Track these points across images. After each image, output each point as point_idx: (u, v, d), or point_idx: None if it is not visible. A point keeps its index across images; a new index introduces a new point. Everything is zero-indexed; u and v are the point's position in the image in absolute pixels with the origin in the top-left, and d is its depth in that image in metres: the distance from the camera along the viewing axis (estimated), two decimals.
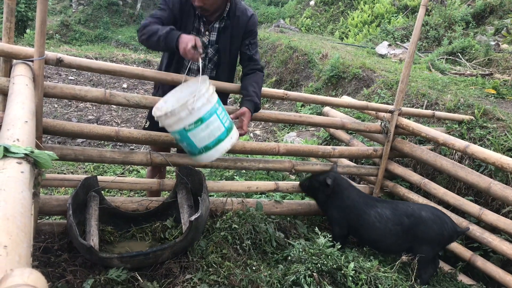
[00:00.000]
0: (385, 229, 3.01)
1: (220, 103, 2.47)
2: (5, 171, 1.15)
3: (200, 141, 2.39)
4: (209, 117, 2.34)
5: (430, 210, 3.06)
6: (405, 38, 10.51)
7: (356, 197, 3.15)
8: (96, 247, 2.35)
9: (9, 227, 0.91)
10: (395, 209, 3.06)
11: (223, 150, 2.45)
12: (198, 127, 2.34)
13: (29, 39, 10.17)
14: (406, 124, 3.51)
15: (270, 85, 8.24)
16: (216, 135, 2.39)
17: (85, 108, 6.24)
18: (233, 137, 2.48)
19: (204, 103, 2.32)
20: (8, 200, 1.01)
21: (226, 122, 2.43)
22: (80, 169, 4.15)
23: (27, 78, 2.15)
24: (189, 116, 2.30)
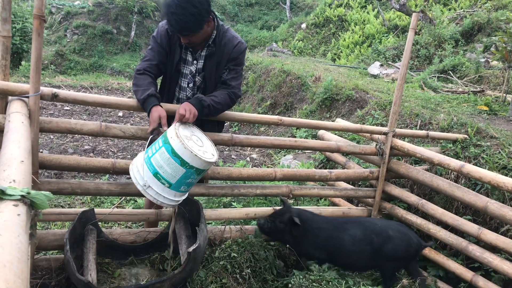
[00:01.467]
0: (359, 251, 3.03)
1: (147, 149, 2.44)
2: (1, 214, 1.15)
3: (179, 170, 2.33)
4: (153, 166, 2.34)
5: (396, 227, 3.15)
6: (396, 57, 10.67)
7: (326, 225, 3.08)
8: (94, 282, 2.33)
9: (6, 274, 0.91)
10: (364, 229, 3.09)
11: (180, 147, 2.28)
12: (164, 176, 2.34)
13: (24, 71, 10.24)
14: (401, 146, 3.54)
15: (264, 109, 8.30)
16: (167, 156, 2.31)
17: (81, 138, 6.25)
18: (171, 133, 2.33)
19: (141, 172, 2.38)
20: (4, 246, 1.00)
21: (159, 143, 2.37)
22: (77, 200, 4.13)
23: (23, 115, 2.16)
24: (154, 187, 2.35)
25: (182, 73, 2.84)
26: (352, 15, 15.57)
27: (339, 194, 3.70)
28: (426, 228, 3.41)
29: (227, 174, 3.11)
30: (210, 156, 2.42)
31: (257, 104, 8.68)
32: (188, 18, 2.45)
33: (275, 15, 23.30)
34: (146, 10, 19.16)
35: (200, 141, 2.49)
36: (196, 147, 2.38)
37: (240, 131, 8.02)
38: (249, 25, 22.35)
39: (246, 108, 8.72)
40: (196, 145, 2.40)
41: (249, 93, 9.21)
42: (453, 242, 3.22)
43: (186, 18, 2.45)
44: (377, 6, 15.30)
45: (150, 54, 2.71)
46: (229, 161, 6.31)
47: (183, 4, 2.43)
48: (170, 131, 2.37)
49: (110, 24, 18.19)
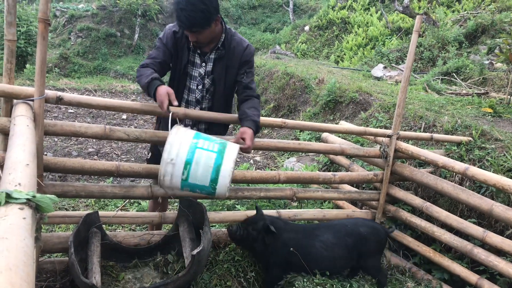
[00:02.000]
0: (333, 255, 3.00)
1: (200, 135, 2.41)
2: (7, 218, 1.15)
3: (204, 180, 2.33)
4: (192, 156, 2.30)
5: (364, 223, 3.23)
6: (400, 59, 10.65)
7: (296, 234, 3.00)
8: (98, 285, 2.33)
9: (12, 277, 0.91)
10: (336, 232, 3.07)
11: (228, 172, 2.31)
12: (191, 170, 2.30)
13: (29, 74, 10.29)
14: (405, 148, 3.53)
15: (268, 111, 8.30)
16: (211, 164, 2.31)
17: (85, 141, 6.27)
18: (231, 154, 2.35)
19: (178, 149, 2.29)
20: (10, 249, 1.01)
21: (214, 147, 2.35)
22: (81, 203, 4.14)
23: (28, 118, 2.17)
24: (175, 168, 2.30)
25: (191, 75, 2.85)
26: (355, 18, 15.57)
27: (343, 197, 3.69)
28: (431, 231, 3.40)
29: None
30: (229, 191, 2.42)
31: (261, 106, 8.69)
32: (197, 14, 2.47)
33: (278, 17, 23.33)
34: (150, 13, 19.22)
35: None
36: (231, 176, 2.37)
37: None
38: (252, 28, 22.38)
39: None
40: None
41: None
42: (458, 245, 3.20)
43: (195, 14, 2.47)
44: (380, 8, 15.30)
45: (155, 53, 2.73)
46: None
47: (192, 1, 2.45)
48: (232, 150, 2.35)
49: (114, 27, 18.26)
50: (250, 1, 24.03)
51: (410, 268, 3.52)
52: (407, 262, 3.61)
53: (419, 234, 3.70)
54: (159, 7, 19.77)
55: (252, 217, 2.96)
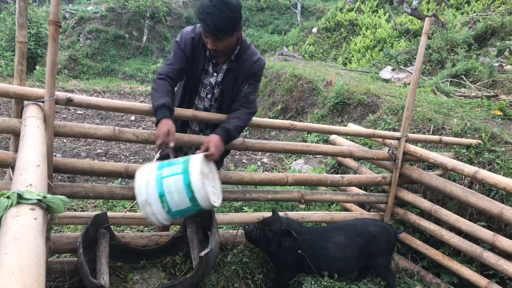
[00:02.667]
0: (345, 256, 3.01)
1: (163, 164, 2.39)
2: (19, 218, 1.16)
3: (184, 202, 2.31)
4: (162, 188, 2.28)
5: (374, 223, 3.24)
6: (408, 62, 10.60)
7: (310, 236, 3.00)
8: (106, 285, 2.34)
9: (24, 278, 0.92)
10: (347, 233, 3.08)
11: (199, 184, 2.26)
12: (168, 201, 2.29)
13: (39, 75, 10.37)
14: (413, 151, 3.51)
15: (275, 113, 8.30)
16: (182, 186, 2.28)
17: (93, 142, 6.31)
18: (195, 166, 2.29)
19: (147, 188, 2.29)
20: (22, 249, 1.02)
21: (178, 169, 2.32)
22: (90, 204, 4.16)
23: (38, 119, 2.19)
24: (153, 206, 2.30)
25: (203, 83, 2.84)
26: (363, 20, 15.54)
27: (351, 200, 3.68)
28: (440, 234, 3.37)
29: (238, 178, 3.11)
30: (217, 200, 2.40)
31: (268, 108, 8.68)
32: (224, 20, 2.45)
33: (286, 19, 23.36)
34: (158, 15, 19.33)
35: (213, 181, 2.46)
36: (210, 187, 2.35)
37: (251, 135, 8.03)
38: (260, 30, 22.42)
39: (257, 113, 8.74)
40: (210, 186, 2.37)
41: (260, 98, 9.21)
42: (467, 248, 3.18)
43: (222, 20, 2.45)
44: (388, 10, 15.24)
45: (173, 59, 2.70)
46: (240, 165, 6.32)
47: (220, 6, 2.44)
48: (195, 164, 2.31)
49: (123, 29, 18.39)
50: (258, 3, 24.08)
51: (419, 272, 3.50)
52: (415, 266, 3.59)
53: (427, 237, 3.68)
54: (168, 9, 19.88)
55: (268, 218, 2.98)
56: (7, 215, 1.19)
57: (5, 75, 9.85)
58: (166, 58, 14.75)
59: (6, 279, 0.89)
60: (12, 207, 1.22)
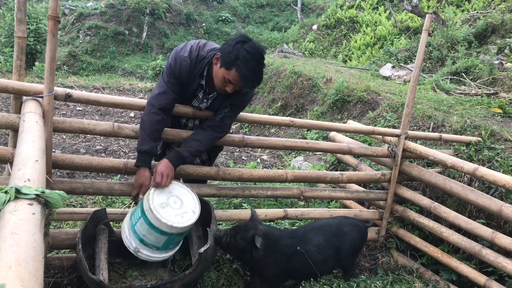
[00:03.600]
0: (325, 257, 2.93)
1: (132, 213, 2.53)
2: (17, 213, 1.16)
3: (159, 238, 2.42)
4: (137, 234, 2.44)
5: (347, 222, 3.18)
6: (408, 59, 10.59)
7: (291, 241, 2.85)
8: (105, 281, 2.34)
9: (22, 272, 0.92)
10: (324, 233, 3.00)
11: (156, 221, 2.33)
12: (148, 242, 2.44)
13: (38, 71, 10.35)
14: (413, 148, 3.51)
15: (275, 110, 8.29)
16: (146, 227, 2.39)
17: (93, 139, 6.30)
18: (147, 205, 2.37)
19: (129, 237, 2.48)
20: (20, 244, 1.01)
21: (139, 212, 2.44)
22: (89, 200, 4.16)
23: (37, 114, 2.18)
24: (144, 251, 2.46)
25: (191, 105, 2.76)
26: (363, 17, 15.51)
27: (350, 196, 3.67)
28: (439, 231, 3.37)
29: (238, 175, 3.11)
30: (190, 217, 2.42)
31: (268, 105, 8.67)
32: (262, 74, 2.50)
33: (286, 16, 23.32)
34: (158, 12, 19.29)
35: (179, 201, 2.49)
36: (173, 213, 2.39)
37: (251, 132, 8.02)
38: (260, 27, 22.38)
39: (257, 109, 8.72)
40: (174, 210, 2.41)
41: (260, 94, 9.20)
42: (466, 246, 3.18)
43: (261, 75, 2.50)
44: (389, 7, 15.21)
45: (168, 87, 2.58)
46: (240, 162, 6.31)
47: (260, 61, 2.45)
48: (145, 202, 2.40)
49: (122, 25, 18.35)
50: (258, 0, 24.03)
51: (418, 269, 3.50)
52: (414, 263, 3.59)
53: (426, 234, 3.67)
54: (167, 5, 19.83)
55: (243, 225, 2.77)
56: (5, 210, 1.19)
57: (4, 70, 9.83)
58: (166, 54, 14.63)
59: (4, 273, 0.89)
60: (10, 202, 1.21)
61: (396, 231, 3.74)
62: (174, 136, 2.80)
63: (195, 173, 2.95)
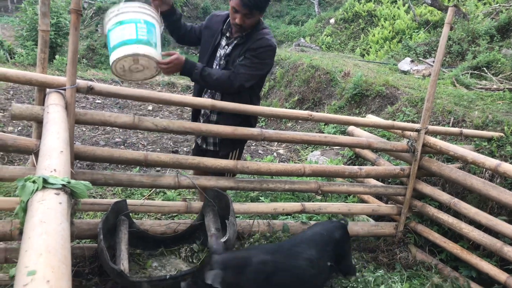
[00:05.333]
0: (319, 271, 2.62)
1: (152, 26, 2.53)
2: (45, 202, 1.19)
3: (112, 41, 2.46)
4: (127, 23, 2.45)
5: (337, 226, 2.92)
6: (427, 53, 10.42)
7: (270, 257, 2.46)
8: (126, 271, 2.37)
9: (51, 260, 0.94)
10: (316, 244, 2.67)
11: (124, 53, 2.38)
12: (115, 28, 2.46)
13: (58, 64, 10.48)
14: (433, 143, 3.46)
15: (292, 104, 8.26)
16: (124, 38, 2.41)
17: (112, 131, 6.37)
18: (140, 49, 2.40)
19: (130, 11, 2.49)
20: (49, 232, 1.04)
21: (142, 36, 2.44)
22: (109, 191, 4.22)
23: (60, 106, 2.22)
24: (114, 17, 2.49)
25: (215, 56, 2.99)
26: (381, 10, 15.30)
27: (368, 191, 3.65)
28: (458, 227, 3.33)
29: (256, 168, 3.12)
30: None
31: (285, 99, 8.65)
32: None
33: (303, 10, 23.15)
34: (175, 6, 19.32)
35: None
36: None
37: (267, 126, 8.01)
38: (276, 20, 22.28)
39: (274, 104, 8.70)
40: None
41: (277, 88, 9.18)
42: (487, 242, 3.14)
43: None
44: (408, 1, 14.97)
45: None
46: (256, 156, 6.32)
47: None
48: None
49: None
50: None
51: (436, 265, 3.47)
52: (433, 258, 3.55)
53: (446, 230, 3.63)
54: None
55: (204, 265, 2.35)
56: (33, 199, 1.22)
57: (26, 64, 9.98)
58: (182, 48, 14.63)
59: (35, 260, 0.91)
60: (37, 192, 1.24)
61: (414, 226, 3.71)
62: (194, 130, 2.83)
63: (213, 166, 2.97)
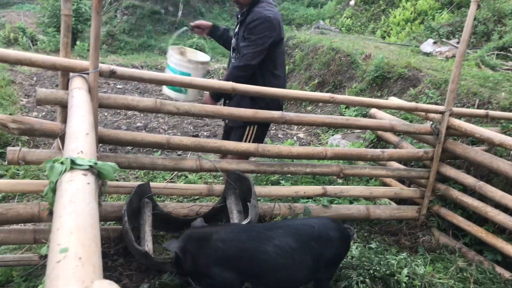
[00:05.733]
0: (293, 264, 2.31)
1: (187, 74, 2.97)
2: (73, 183, 1.20)
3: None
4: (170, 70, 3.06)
5: (334, 227, 2.48)
6: (451, 34, 10.15)
7: (235, 236, 2.32)
8: (150, 252, 2.42)
9: (82, 238, 0.96)
10: (298, 235, 2.36)
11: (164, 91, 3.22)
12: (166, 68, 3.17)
13: (79, 50, 10.60)
14: (458, 125, 3.39)
15: (312, 88, 8.18)
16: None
17: (133, 116, 6.44)
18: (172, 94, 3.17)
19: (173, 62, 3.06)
20: (78, 212, 1.05)
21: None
22: (131, 175, 4.28)
23: (84, 90, 2.24)
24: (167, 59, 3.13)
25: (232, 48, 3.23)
26: None
27: (391, 174, 3.61)
28: (484, 211, 3.27)
29: (277, 152, 3.11)
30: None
31: (305, 82, 8.56)
32: None
33: None
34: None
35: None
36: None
37: (286, 110, 7.96)
38: (295, 3, 21.95)
39: (293, 87, 8.63)
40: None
41: (296, 72, 9.09)
42: None
43: None
44: None
45: None
46: (276, 140, 6.30)
47: None
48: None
49: (158, 4, 18.42)
50: None
51: (460, 248, 3.42)
52: (456, 242, 3.51)
53: (470, 213, 3.57)
54: None
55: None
56: (62, 179, 1.24)
57: (48, 50, 10.12)
58: None
59: (67, 238, 0.93)
60: (66, 173, 1.26)
61: (437, 210, 3.66)
62: (215, 113, 2.83)
63: (235, 149, 2.98)
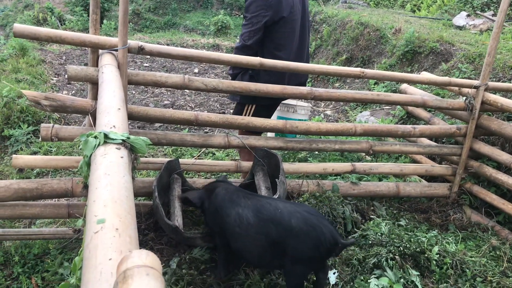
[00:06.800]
0: (246, 237, 2.24)
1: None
2: (107, 156, 1.22)
3: None
4: None
5: (303, 216, 2.20)
6: (485, 6, 9.73)
7: (224, 193, 2.40)
8: (180, 227, 2.45)
9: (118, 209, 0.97)
10: (259, 212, 2.23)
11: None
12: None
13: (106, 29, 10.69)
14: (493, 100, 3.27)
15: (340, 63, 8.03)
16: None
17: (160, 94, 6.48)
18: None
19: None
20: (113, 184, 1.07)
21: None
22: (160, 152, 4.33)
23: (114, 66, 2.26)
24: None
25: None
26: None
27: (422, 151, 3.54)
28: None
29: (305, 128, 3.08)
30: None
31: (332, 58, 8.41)
32: None
33: None
34: None
35: None
36: None
37: (313, 86, 7.86)
38: None
39: (320, 63, 8.50)
40: None
41: (324, 47, 8.94)
42: None
43: None
44: None
45: None
46: None
47: None
48: None
49: None
50: None
51: (493, 227, 3.35)
52: (489, 220, 3.43)
53: (504, 191, 3.48)
54: None
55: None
56: (96, 153, 1.25)
57: (76, 29, 10.25)
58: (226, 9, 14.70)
59: (103, 210, 0.94)
60: (100, 146, 1.28)
61: (470, 187, 3.57)
62: (243, 89, 2.81)
63: (262, 126, 2.96)
